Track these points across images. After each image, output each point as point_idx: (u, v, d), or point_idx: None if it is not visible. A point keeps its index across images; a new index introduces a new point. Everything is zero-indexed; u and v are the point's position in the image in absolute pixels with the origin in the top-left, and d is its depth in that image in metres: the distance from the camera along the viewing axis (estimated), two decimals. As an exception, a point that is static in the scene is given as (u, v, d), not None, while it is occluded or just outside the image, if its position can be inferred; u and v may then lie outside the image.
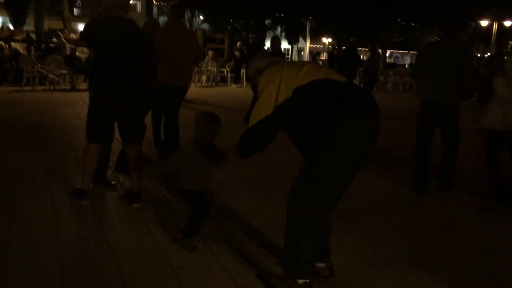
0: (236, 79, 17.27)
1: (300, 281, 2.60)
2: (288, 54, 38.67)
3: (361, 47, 11.56)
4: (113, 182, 4.48)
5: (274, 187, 4.63)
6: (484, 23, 23.03)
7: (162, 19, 36.23)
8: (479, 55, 35.08)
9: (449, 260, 3.35)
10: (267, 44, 12.66)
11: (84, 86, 13.13)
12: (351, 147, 2.48)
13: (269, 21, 27.56)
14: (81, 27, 33.95)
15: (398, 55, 44.76)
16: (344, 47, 12.45)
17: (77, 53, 13.62)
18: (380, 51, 12.69)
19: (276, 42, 8.92)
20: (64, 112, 8.66)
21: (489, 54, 23.99)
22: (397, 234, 3.76)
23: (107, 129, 4.04)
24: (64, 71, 12.82)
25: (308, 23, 29.48)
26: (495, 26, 22.12)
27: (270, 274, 2.91)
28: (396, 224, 3.98)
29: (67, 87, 12.66)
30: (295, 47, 40.67)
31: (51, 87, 12.32)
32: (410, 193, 4.93)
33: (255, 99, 8.14)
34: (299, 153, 2.70)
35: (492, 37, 21.71)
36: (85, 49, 15.71)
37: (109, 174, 4.66)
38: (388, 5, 23.40)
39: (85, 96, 11.17)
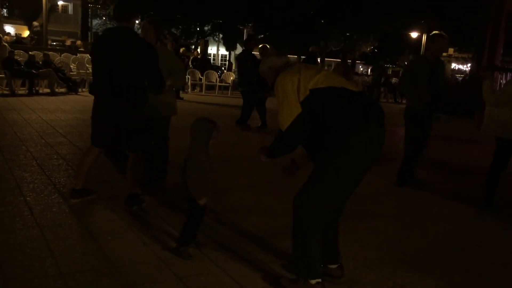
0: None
1: (313, 281, 2.68)
2: (226, 61, 38.79)
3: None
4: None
5: (266, 192, 4.74)
6: (414, 34, 24.52)
7: (96, 22, 35.06)
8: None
9: (435, 258, 3.53)
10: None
11: (22, 91, 12.46)
12: (365, 156, 2.64)
13: (209, 27, 27.67)
14: (9, 28, 32.11)
15: (332, 64, 46.36)
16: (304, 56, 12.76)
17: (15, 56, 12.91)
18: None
19: (266, 50, 9.12)
20: (10, 118, 8.19)
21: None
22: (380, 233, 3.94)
23: (108, 134, 4.00)
24: (1, 75, 12.11)
25: (245, 30, 29.76)
26: (424, 37, 23.63)
27: (280, 276, 2.94)
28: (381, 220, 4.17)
29: (6, 92, 11.97)
30: (232, 53, 40.85)
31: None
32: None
33: (246, 105, 8.72)
34: (307, 152, 2.84)
35: (421, 48, 23.16)
36: (22, 52, 14.98)
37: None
38: (326, 15, 24.25)
39: (28, 101, 10.80)
